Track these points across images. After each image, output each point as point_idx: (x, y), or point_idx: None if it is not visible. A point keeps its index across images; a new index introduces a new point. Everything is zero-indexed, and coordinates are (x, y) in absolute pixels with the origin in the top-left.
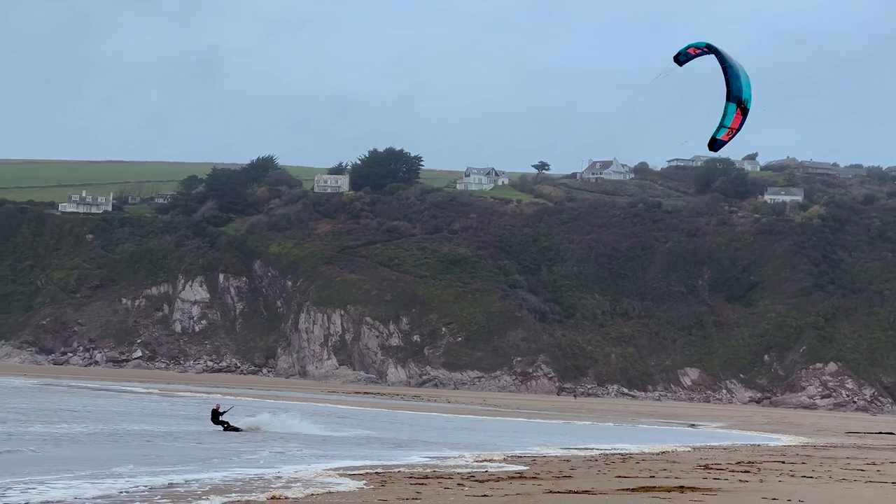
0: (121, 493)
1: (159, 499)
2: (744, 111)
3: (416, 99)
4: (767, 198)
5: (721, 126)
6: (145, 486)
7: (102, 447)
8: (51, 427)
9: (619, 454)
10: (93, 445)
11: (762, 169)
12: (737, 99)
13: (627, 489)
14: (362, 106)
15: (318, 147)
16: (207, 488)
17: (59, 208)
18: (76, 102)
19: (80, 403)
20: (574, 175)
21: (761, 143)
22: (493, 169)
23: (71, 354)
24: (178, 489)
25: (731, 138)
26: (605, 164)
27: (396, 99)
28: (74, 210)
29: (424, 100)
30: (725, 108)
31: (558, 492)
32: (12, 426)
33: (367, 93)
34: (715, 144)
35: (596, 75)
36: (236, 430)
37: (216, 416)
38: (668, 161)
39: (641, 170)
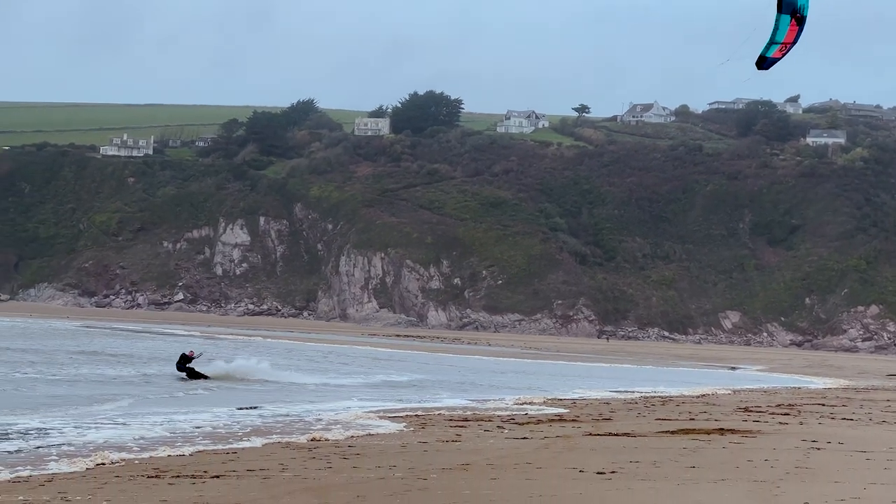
0: (163, 433)
1: (200, 439)
2: (800, 21)
3: (466, 42)
4: (809, 140)
5: (772, 42)
6: (189, 427)
7: (148, 387)
8: (99, 368)
9: (659, 397)
10: (139, 385)
11: (804, 111)
12: (790, 7)
13: (667, 431)
14: (410, 48)
15: (361, 91)
16: (248, 430)
17: (101, 151)
18: (119, 46)
19: (126, 345)
20: (614, 118)
21: (804, 85)
22: (533, 112)
23: (113, 297)
24: (219, 430)
25: (784, 54)
26: (646, 107)
27: (446, 41)
28: (116, 153)
29: (474, 42)
30: (777, 20)
31: (598, 434)
32: (66, 368)
33: (418, 35)
34: (764, 63)
35: (649, 12)
36: (203, 377)
37: (184, 361)
38: (710, 104)
39: (682, 113)
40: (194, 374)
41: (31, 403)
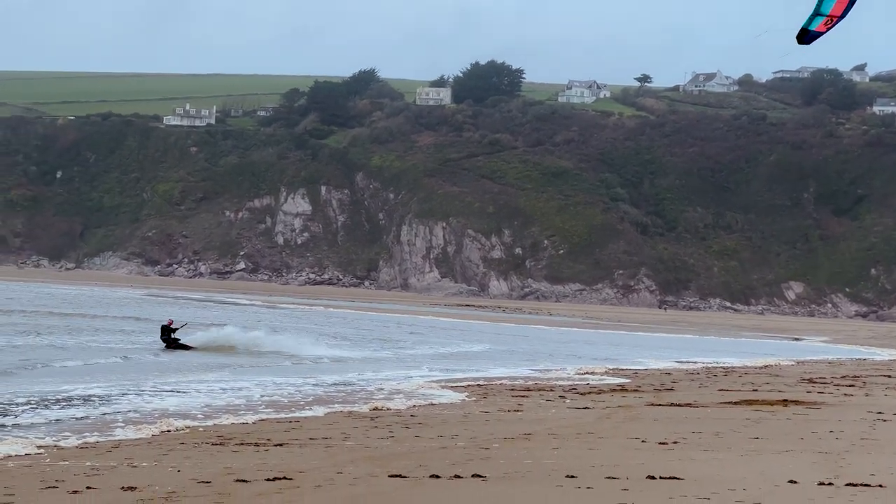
0: (227, 402)
1: (263, 408)
2: None
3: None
4: (876, 109)
5: (816, 14)
6: (249, 396)
7: (216, 357)
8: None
9: (722, 367)
10: (207, 356)
11: (871, 80)
12: None
13: (730, 402)
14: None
15: (423, 61)
16: (310, 399)
17: (164, 121)
18: (183, 17)
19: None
20: (677, 88)
21: (871, 53)
22: (594, 82)
23: (176, 266)
24: (281, 400)
25: (829, 28)
26: (709, 77)
27: (510, 12)
28: (178, 123)
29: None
30: None
31: (660, 404)
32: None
33: (484, 5)
34: (805, 37)
35: None
36: (187, 348)
37: (166, 332)
38: (774, 73)
39: (746, 82)
40: (178, 345)
41: (99, 370)
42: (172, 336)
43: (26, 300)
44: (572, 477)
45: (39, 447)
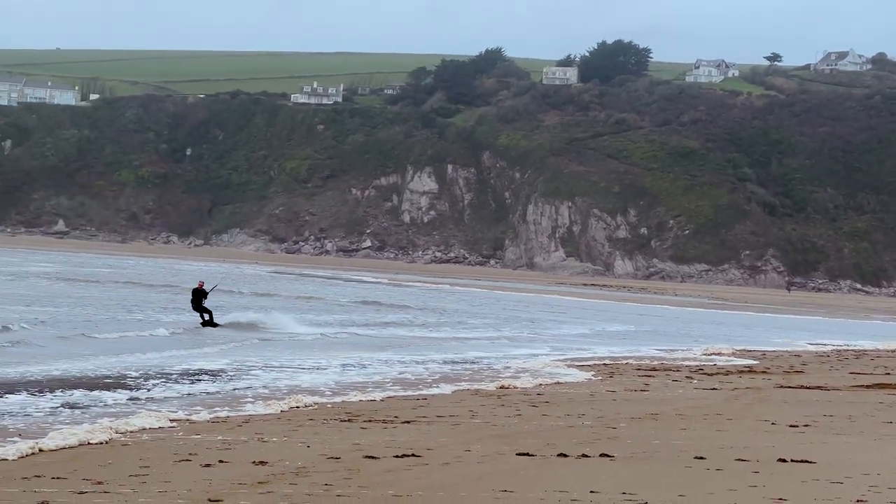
0: (355, 379)
1: (391, 385)
2: None
3: None
4: None
5: None
6: (376, 373)
7: (346, 335)
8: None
9: (853, 350)
10: (341, 333)
11: None
12: None
13: (862, 386)
14: None
15: (550, 40)
16: (437, 376)
17: (292, 99)
18: None
19: (331, 292)
20: (807, 67)
21: None
22: (723, 61)
23: (303, 243)
24: (407, 377)
25: None
26: (841, 56)
27: None
28: (306, 101)
29: None
30: None
31: (789, 386)
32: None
33: None
34: None
35: None
36: (214, 325)
37: (198, 296)
38: None
39: (879, 60)
40: (208, 322)
41: (231, 346)
42: (204, 304)
43: (160, 276)
44: (701, 458)
45: (172, 421)
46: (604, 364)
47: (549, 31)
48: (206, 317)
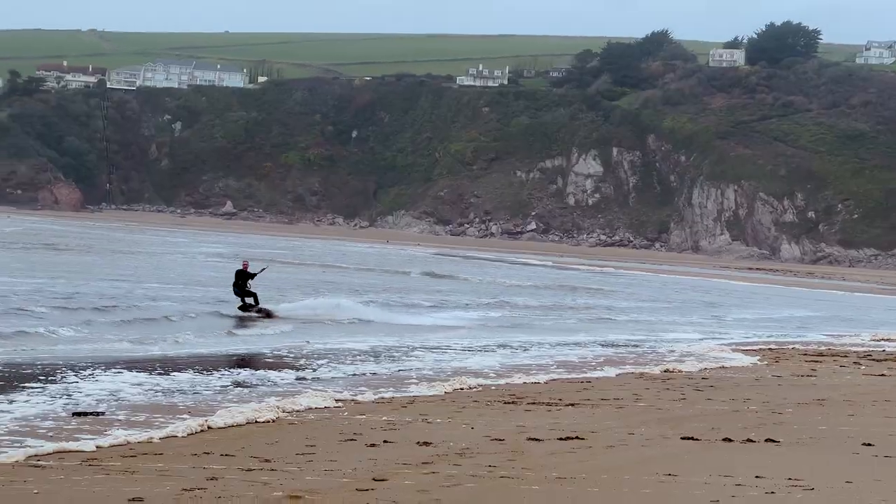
0: (519, 362)
1: (555, 368)
2: None
3: None
4: None
5: None
6: (540, 356)
7: (510, 317)
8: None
9: None
10: (502, 317)
11: None
12: None
13: None
14: None
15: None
16: (601, 359)
17: (457, 81)
18: None
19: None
20: None
21: None
22: (895, 42)
23: (467, 226)
24: (571, 360)
25: None
26: None
27: None
28: (471, 83)
29: None
30: None
31: None
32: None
33: None
34: None
35: None
36: (259, 309)
37: (241, 278)
38: None
39: None
40: (251, 307)
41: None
42: (248, 288)
43: (333, 258)
44: (869, 445)
45: (338, 401)
46: (769, 349)
47: (717, 12)
48: (250, 301)
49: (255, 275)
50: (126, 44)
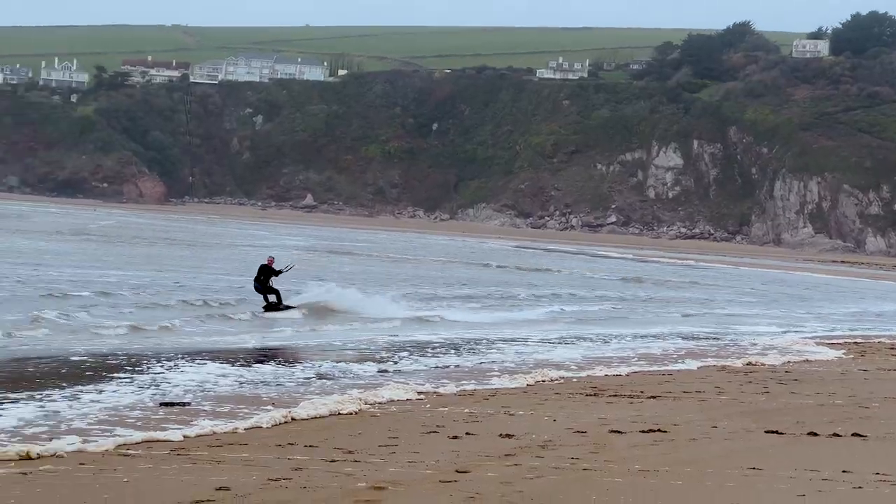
0: (601, 354)
1: (636, 360)
2: None
3: None
4: None
5: None
6: (621, 348)
7: (599, 310)
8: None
9: None
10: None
11: None
12: None
13: None
14: None
15: (799, 12)
16: (683, 352)
17: (537, 74)
18: None
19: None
20: None
21: None
22: None
23: (548, 218)
24: (653, 352)
25: None
26: None
27: None
28: (551, 76)
29: None
30: None
31: None
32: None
33: None
34: None
35: None
36: (284, 307)
37: (265, 274)
38: None
39: None
40: (273, 306)
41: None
42: (271, 285)
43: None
44: None
45: (420, 393)
46: (855, 342)
47: (801, 3)
48: (273, 298)
49: (280, 272)
50: (208, 38)
